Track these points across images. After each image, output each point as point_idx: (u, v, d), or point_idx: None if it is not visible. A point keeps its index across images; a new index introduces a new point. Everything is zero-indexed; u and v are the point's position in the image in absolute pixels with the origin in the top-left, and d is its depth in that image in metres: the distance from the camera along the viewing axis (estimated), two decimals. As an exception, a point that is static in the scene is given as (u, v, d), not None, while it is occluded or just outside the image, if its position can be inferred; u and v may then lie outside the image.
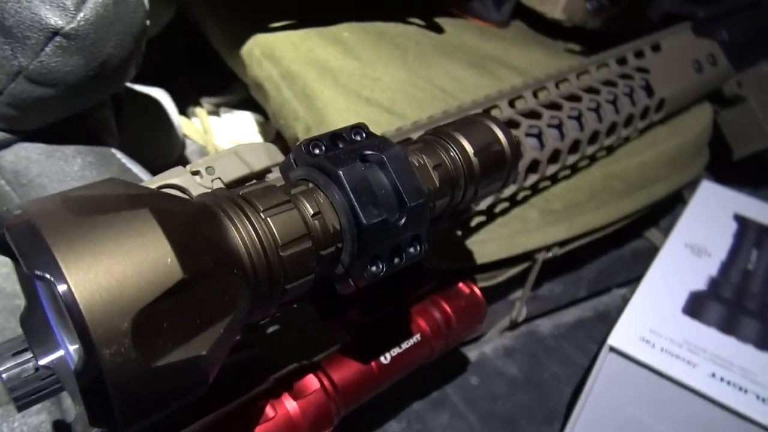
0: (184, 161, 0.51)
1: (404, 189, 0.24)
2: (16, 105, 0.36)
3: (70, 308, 0.16)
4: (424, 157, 0.27)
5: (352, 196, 0.23)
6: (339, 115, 0.45)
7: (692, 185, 0.59)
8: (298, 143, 0.25)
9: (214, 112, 0.63)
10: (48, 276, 0.16)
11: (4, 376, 0.24)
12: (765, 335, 0.37)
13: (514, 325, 0.50)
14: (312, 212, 0.23)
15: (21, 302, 0.42)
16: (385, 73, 0.49)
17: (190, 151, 0.60)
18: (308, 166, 0.24)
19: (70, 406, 0.38)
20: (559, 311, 0.53)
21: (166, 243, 0.18)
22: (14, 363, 0.24)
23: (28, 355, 0.25)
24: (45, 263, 0.16)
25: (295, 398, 0.29)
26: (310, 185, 0.24)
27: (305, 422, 0.29)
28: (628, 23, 0.64)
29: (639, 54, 0.52)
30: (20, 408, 0.25)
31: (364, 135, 0.26)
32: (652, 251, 0.60)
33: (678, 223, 0.47)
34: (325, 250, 0.23)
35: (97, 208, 0.18)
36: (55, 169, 0.39)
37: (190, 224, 0.19)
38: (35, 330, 0.22)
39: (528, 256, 0.46)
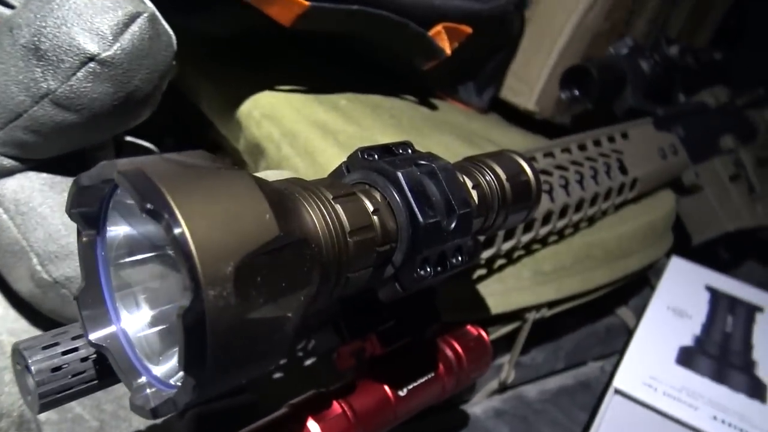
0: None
1: (453, 197, 0.25)
2: (33, 129, 0.36)
3: (181, 244, 0.16)
4: (463, 176, 0.28)
5: (409, 195, 0.24)
6: (342, 170, 0.46)
7: (655, 270, 0.62)
8: (354, 151, 0.26)
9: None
10: (162, 213, 0.16)
11: (33, 368, 0.23)
12: (755, 386, 0.39)
13: (502, 388, 0.50)
14: (372, 209, 0.24)
15: (19, 325, 0.40)
16: (383, 137, 0.52)
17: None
18: (365, 170, 0.25)
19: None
20: (543, 379, 0.54)
21: (264, 201, 0.18)
22: (44, 356, 0.23)
23: (58, 350, 0.24)
24: (158, 203, 0.17)
25: (318, 421, 0.29)
26: (367, 187, 0.25)
27: (327, 448, 0.29)
28: (594, 121, 0.70)
29: (611, 139, 0.57)
30: (42, 407, 0.23)
31: (410, 150, 0.27)
32: (624, 328, 0.63)
33: (658, 289, 0.50)
34: (382, 247, 0.24)
35: (198, 166, 0.18)
36: (58, 200, 0.39)
37: (277, 194, 0.20)
38: (90, 307, 0.21)
39: (518, 315, 0.47)
